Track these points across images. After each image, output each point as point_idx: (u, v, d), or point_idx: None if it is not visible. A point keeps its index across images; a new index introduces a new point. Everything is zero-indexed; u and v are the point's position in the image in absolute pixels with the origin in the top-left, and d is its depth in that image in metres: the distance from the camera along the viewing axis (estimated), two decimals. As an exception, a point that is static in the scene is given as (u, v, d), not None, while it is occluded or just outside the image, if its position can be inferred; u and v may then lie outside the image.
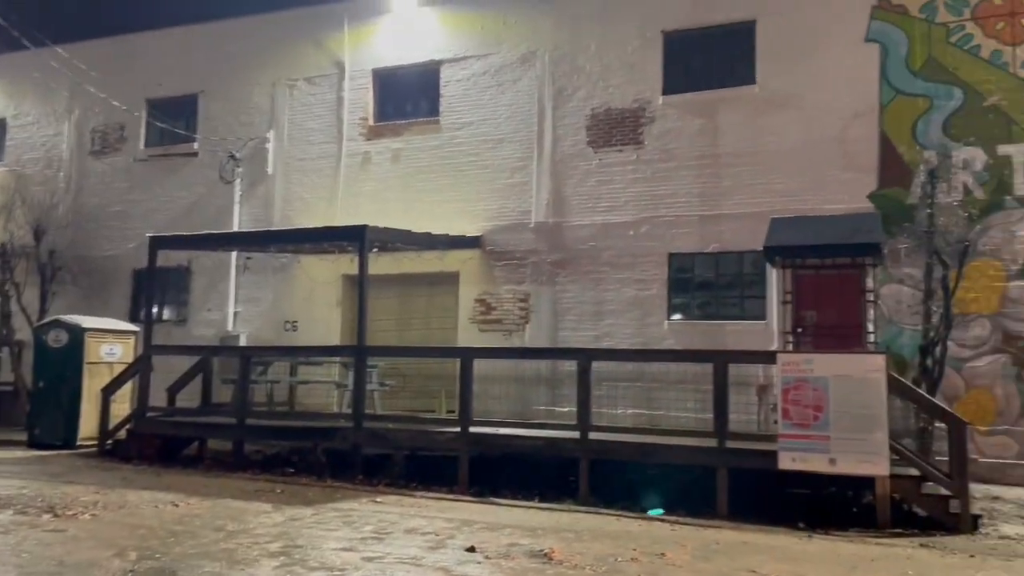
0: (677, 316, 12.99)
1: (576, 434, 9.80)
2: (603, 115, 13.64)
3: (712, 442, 9.14)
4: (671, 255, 13.03)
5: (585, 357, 10.23)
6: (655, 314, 13.00)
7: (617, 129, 13.54)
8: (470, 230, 14.16)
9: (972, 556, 7.08)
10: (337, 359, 13.50)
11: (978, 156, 11.31)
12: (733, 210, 12.62)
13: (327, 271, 15.07)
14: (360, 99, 15.58)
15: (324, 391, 13.98)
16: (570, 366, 11.04)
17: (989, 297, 11.02)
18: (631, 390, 12.43)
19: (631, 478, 9.59)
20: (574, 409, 10.05)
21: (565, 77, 13.97)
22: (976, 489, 9.10)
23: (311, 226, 14.30)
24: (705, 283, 13.00)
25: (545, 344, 13.47)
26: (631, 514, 8.70)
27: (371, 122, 15.50)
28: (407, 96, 15.47)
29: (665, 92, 13.27)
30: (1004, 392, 10.89)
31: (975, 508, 8.41)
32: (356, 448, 10.87)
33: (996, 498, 9.52)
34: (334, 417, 12.28)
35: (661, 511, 8.76)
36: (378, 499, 9.28)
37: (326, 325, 14.90)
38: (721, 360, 9.48)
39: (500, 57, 14.51)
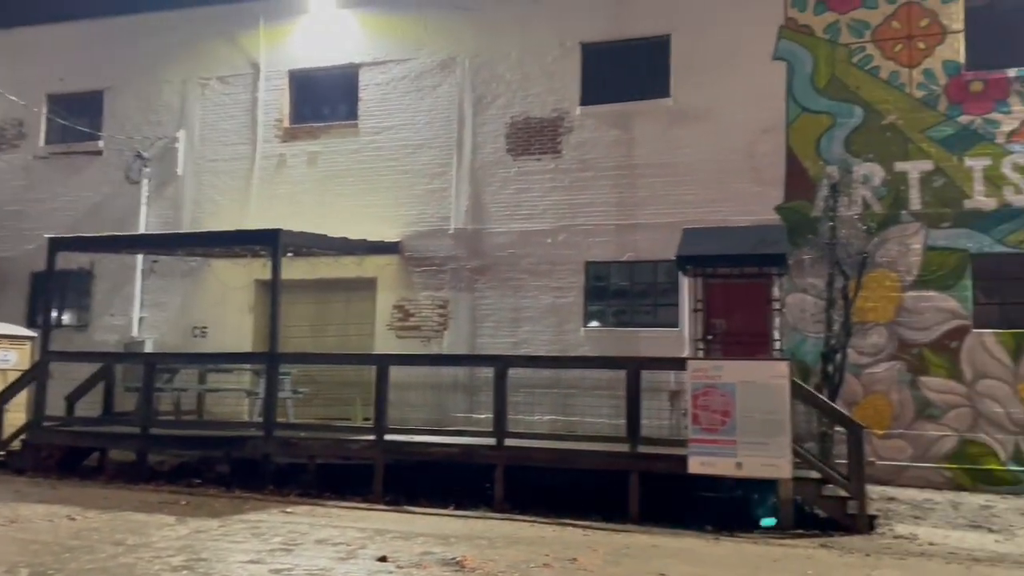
0: (594, 323, 13.16)
1: (492, 441, 9.81)
2: (522, 123, 13.74)
3: (625, 447, 9.30)
4: (588, 263, 13.22)
5: (502, 364, 10.25)
6: (572, 321, 13.14)
7: (536, 138, 13.65)
8: (389, 235, 14.03)
9: (868, 555, 7.39)
10: (248, 366, 13.15)
11: (876, 172, 11.87)
12: (648, 220, 12.88)
13: (239, 276, 14.66)
14: (276, 100, 15.26)
15: (235, 399, 13.56)
16: (487, 373, 11.05)
17: (886, 307, 11.57)
18: (548, 396, 12.55)
19: (547, 484, 9.65)
20: (492, 416, 10.05)
21: (485, 84, 14.01)
22: (873, 490, 9.51)
23: (223, 229, 13.88)
24: (621, 291, 13.22)
25: (463, 351, 13.45)
26: (545, 520, 8.74)
27: (287, 124, 15.20)
28: (325, 99, 15.24)
29: (583, 103, 13.46)
30: (899, 397, 11.43)
31: (872, 509, 8.78)
32: (267, 457, 10.60)
33: (891, 499, 9.98)
34: (244, 426, 11.96)
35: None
36: (289, 509, 9.06)
37: (237, 331, 14.49)
38: (634, 367, 9.65)
39: (420, 62, 14.44)
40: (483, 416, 11.79)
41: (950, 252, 11.44)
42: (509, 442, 9.75)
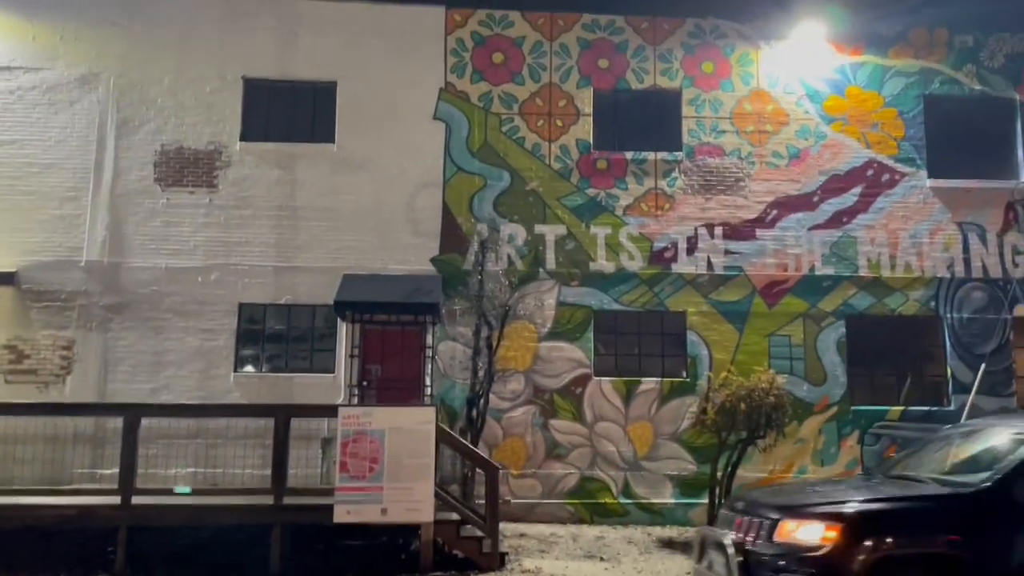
0: (246, 368, 12.57)
1: (117, 499, 8.82)
2: (174, 153, 12.84)
3: (269, 500, 8.91)
4: (242, 305, 12.64)
5: (132, 413, 9.30)
6: (221, 366, 12.42)
7: (189, 169, 12.83)
8: (2, 264, 12.15)
9: (497, 591, 7.88)
10: None
11: (520, 232, 13.01)
12: (308, 263, 12.71)
13: None
14: None
15: None
16: (117, 423, 9.94)
17: (524, 355, 12.63)
18: (190, 447, 11.72)
19: (182, 544, 8.91)
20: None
21: (132, 107, 12.88)
22: (507, 527, 10.21)
23: None
24: (276, 335, 12.81)
25: (92, 398, 12.03)
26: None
27: None
28: (-76, 99, 12.88)
29: (243, 138, 12.97)
30: (533, 439, 12.46)
31: (504, 546, 9.39)
32: None
33: (523, 535, 10.78)
34: None
35: None
36: None
37: None
38: (283, 414, 9.34)
39: (54, 74, 12.86)
40: (110, 471, 10.59)
41: (577, 308, 12.85)
42: (137, 500, 8.84)
